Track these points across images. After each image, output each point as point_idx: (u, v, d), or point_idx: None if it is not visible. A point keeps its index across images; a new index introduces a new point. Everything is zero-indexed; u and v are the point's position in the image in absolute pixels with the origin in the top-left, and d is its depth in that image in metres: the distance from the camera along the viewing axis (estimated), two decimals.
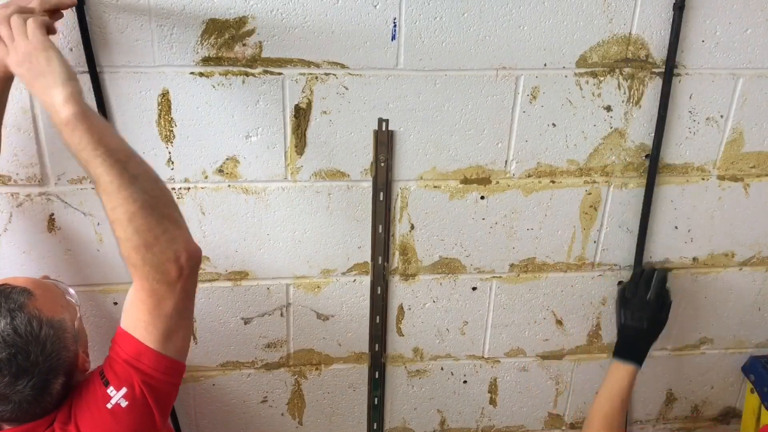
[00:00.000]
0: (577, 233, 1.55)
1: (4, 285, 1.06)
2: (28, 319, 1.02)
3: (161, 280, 1.02)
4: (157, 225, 1.00)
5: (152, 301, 1.04)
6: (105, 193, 0.99)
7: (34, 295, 1.05)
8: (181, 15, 1.26)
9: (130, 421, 1.06)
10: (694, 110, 1.44)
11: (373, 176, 1.44)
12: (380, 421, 1.73)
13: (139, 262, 1.00)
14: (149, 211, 1.00)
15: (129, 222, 0.98)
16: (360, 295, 1.57)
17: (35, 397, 1.03)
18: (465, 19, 1.32)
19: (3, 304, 1.02)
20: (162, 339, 1.06)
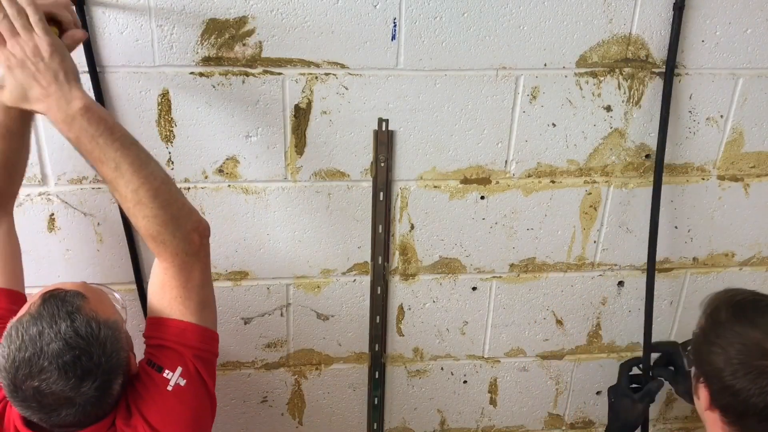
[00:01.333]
0: (577, 233, 1.55)
1: (57, 289, 1.05)
2: (87, 321, 1.01)
3: (188, 251, 1.09)
4: (177, 197, 1.08)
5: (184, 275, 1.10)
6: (127, 174, 1.03)
7: (87, 297, 1.06)
8: (181, 15, 1.26)
9: (192, 397, 1.11)
10: (694, 110, 1.44)
11: (373, 176, 1.44)
12: (380, 421, 1.73)
13: (168, 237, 1.07)
14: (169, 185, 1.08)
15: (155, 198, 1.04)
16: (360, 295, 1.57)
17: (98, 399, 1.03)
18: (465, 19, 1.32)
19: (60, 307, 1.02)
20: (198, 310, 1.13)
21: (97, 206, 1.40)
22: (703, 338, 1.06)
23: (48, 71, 1.01)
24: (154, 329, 1.13)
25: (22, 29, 1.01)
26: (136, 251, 1.45)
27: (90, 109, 1.01)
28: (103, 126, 1.02)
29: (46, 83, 1.01)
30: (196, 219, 1.11)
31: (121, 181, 1.03)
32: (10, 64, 1.01)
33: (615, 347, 1.71)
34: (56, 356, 0.98)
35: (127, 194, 1.04)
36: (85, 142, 1.02)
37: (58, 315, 1.01)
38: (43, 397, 0.98)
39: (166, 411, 1.09)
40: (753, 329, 1.00)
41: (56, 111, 1.01)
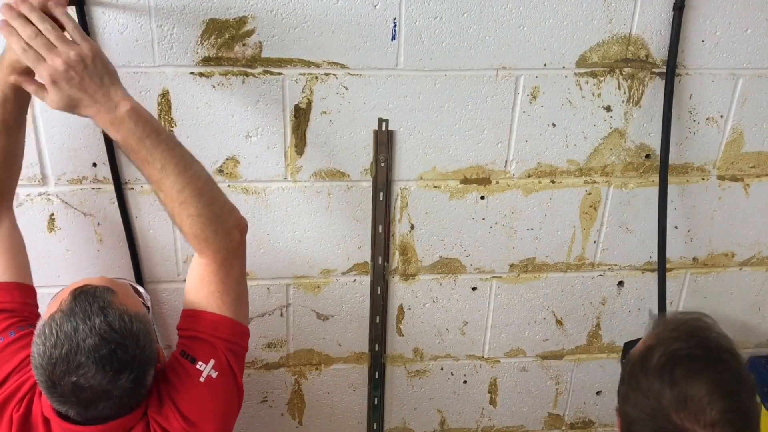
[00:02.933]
0: (577, 233, 1.55)
1: (86, 285, 1.06)
2: (119, 315, 1.02)
3: (230, 248, 1.12)
4: (219, 196, 1.12)
5: (224, 271, 1.13)
6: (173, 174, 1.06)
7: (115, 292, 1.06)
8: (181, 15, 1.26)
9: (223, 389, 1.13)
10: (694, 110, 1.44)
11: (373, 176, 1.44)
12: (380, 421, 1.73)
13: (212, 235, 1.10)
14: (211, 185, 1.11)
15: (199, 197, 1.07)
16: (360, 295, 1.57)
17: (134, 390, 1.04)
18: (465, 19, 1.32)
19: (92, 302, 1.02)
20: (235, 305, 1.15)
21: (97, 206, 1.40)
22: (628, 377, 1.00)
23: (93, 77, 1.02)
24: (189, 321, 1.15)
25: (59, 41, 1.01)
26: (136, 251, 1.45)
27: (136, 111, 1.04)
28: (149, 127, 1.04)
29: (93, 90, 1.02)
30: (237, 216, 1.14)
31: (166, 181, 1.06)
32: (55, 78, 1.01)
33: (615, 347, 1.71)
34: (93, 351, 0.99)
35: (173, 194, 1.07)
36: (132, 144, 1.04)
37: (91, 310, 1.01)
38: (82, 392, 0.99)
39: (198, 401, 1.11)
40: (670, 390, 0.93)
41: (104, 115, 1.03)
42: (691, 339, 0.97)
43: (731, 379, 0.94)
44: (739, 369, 0.96)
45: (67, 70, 1.00)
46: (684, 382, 0.92)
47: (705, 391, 0.91)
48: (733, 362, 0.96)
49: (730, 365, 0.95)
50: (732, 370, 0.95)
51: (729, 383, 0.93)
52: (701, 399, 0.91)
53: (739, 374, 0.95)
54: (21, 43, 1.00)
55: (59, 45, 1.01)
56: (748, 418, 0.93)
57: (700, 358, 0.95)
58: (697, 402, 0.91)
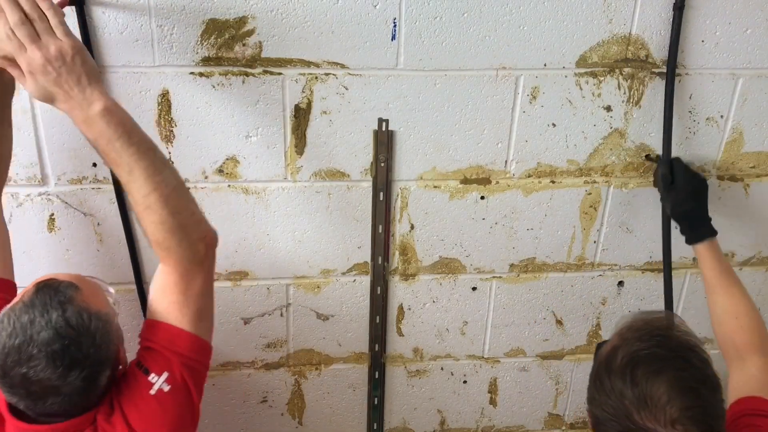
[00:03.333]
0: (577, 233, 1.55)
1: (51, 279, 1.06)
2: (78, 312, 1.02)
3: (193, 260, 1.10)
4: (187, 206, 1.10)
5: (184, 282, 1.11)
6: (140, 179, 1.05)
7: (80, 289, 1.06)
8: (181, 15, 1.26)
9: (174, 404, 1.10)
10: (694, 110, 1.44)
11: (373, 176, 1.44)
12: (380, 421, 1.73)
13: (174, 244, 1.08)
14: (180, 193, 1.09)
15: (165, 204, 1.05)
16: (360, 295, 1.57)
17: (85, 389, 1.03)
18: (465, 19, 1.32)
19: (53, 296, 1.02)
20: (195, 319, 1.12)
21: (97, 206, 1.40)
22: (594, 378, 1.01)
23: (71, 74, 1.01)
24: (147, 331, 1.14)
25: (44, 33, 1.01)
26: (136, 251, 1.45)
27: (110, 111, 1.02)
28: (121, 129, 1.03)
29: (68, 87, 1.02)
30: (205, 229, 1.12)
31: (134, 185, 1.05)
32: (32, 69, 1.01)
33: None
34: (45, 344, 0.99)
35: (138, 198, 1.06)
36: (102, 144, 1.04)
37: (50, 304, 1.01)
38: (30, 385, 0.99)
39: (147, 414, 1.09)
40: (631, 390, 0.94)
41: (77, 113, 1.02)
42: (653, 338, 0.98)
43: (691, 377, 0.94)
44: (701, 367, 0.96)
45: (44, 64, 1.00)
46: (644, 382, 0.93)
47: (664, 389, 0.92)
48: (695, 360, 0.96)
49: (692, 363, 0.96)
50: (693, 367, 0.95)
51: (689, 381, 0.94)
52: (660, 398, 0.92)
53: (701, 372, 0.96)
54: (6, 29, 1.00)
55: (43, 37, 1.00)
56: (710, 414, 0.93)
57: (660, 357, 0.96)
58: (657, 401, 0.92)
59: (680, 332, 1.01)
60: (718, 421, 0.94)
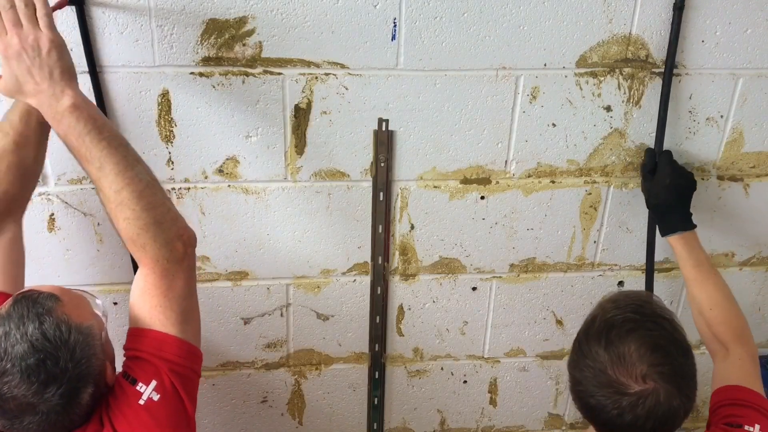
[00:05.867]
0: (577, 233, 1.55)
1: (30, 290, 1.02)
2: (56, 324, 0.97)
3: (171, 258, 1.06)
4: (162, 203, 1.07)
5: (165, 283, 1.07)
6: (111, 174, 1.03)
7: (61, 300, 1.01)
8: (181, 15, 1.26)
9: (165, 414, 1.05)
10: (694, 110, 1.44)
11: (373, 176, 1.44)
12: (380, 421, 1.73)
13: (149, 241, 1.04)
14: (154, 189, 1.06)
15: (138, 200, 1.03)
16: (360, 295, 1.57)
17: (64, 407, 0.98)
18: (465, 19, 1.32)
19: (31, 308, 0.97)
20: (180, 322, 1.08)
21: (97, 206, 1.40)
22: (575, 345, 1.10)
23: (43, 67, 1.01)
24: (132, 340, 1.09)
25: (27, 21, 1.01)
26: None
27: (78, 107, 1.02)
28: (91, 125, 1.02)
29: (40, 79, 1.01)
30: (182, 226, 1.09)
31: (105, 181, 1.03)
32: (7, 54, 1.01)
33: None
34: (20, 359, 0.94)
35: (110, 195, 1.04)
36: (72, 140, 1.03)
37: (27, 316, 0.97)
38: (5, 402, 0.95)
39: (137, 426, 1.03)
40: (605, 350, 1.02)
41: (47, 107, 1.02)
42: (628, 306, 1.06)
43: (661, 337, 1.02)
44: (672, 331, 1.04)
45: (20, 51, 1.00)
46: (617, 341, 1.02)
47: (635, 346, 1.00)
48: (666, 325, 1.04)
49: (663, 326, 1.03)
50: (663, 329, 1.03)
51: (659, 339, 1.01)
52: (632, 354, 1.00)
53: (671, 335, 1.03)
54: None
55: (25, 25, 1.01)
56: (678, 374, 1.00)
57: (633, 321, 1.03)
58: (629, 357, 1.00)
59: (657, 306, 1.08)
60: (688, 382, 1.02)
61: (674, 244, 1.40)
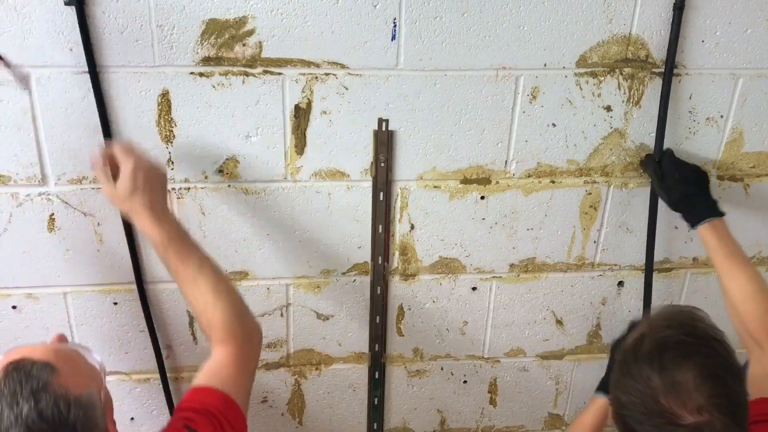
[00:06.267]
0: (577, 233, 1.55)
1: (22, 360, 0.92)
2: (54, 401, 0.89)
3: (252, 341, 1.22)
4: (241, 295, 1.23)
5: (242, 362, 1.18)
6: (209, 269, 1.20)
7: (57, 369, 0.92)
8: (181, 15, 1.26)
9: None
10: (694, 110, 1.44)
11: (373, 176, 1.44)
12: (380, 421, 1.73)
13: (239, 325, 1.19)
14: (234, 286, 1.25)
15: (230, 293, 1.20)
16: (360, 295, 1.57)
17: None
18: (465, 19, 1.32)
19: (24, 384, 0.89)
20: (243, 398, 1.17)
21: (97, 206, 1.40)
22: (620, 365, 1.02)
23: None
24: (200, 394, 1.12)
25: None
26: (136, 251, 1.45)
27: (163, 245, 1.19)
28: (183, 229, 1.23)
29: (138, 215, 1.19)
30: (257, 321, 1.25)
31: (202, 277, 1.18)
32: None
33: None
34: None
35: (208, 288, 1.17)
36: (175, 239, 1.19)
37: (21, 394, 0.88)
38: None
39: None
40: (659, 375, 0.95)
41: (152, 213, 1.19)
42: (682, 327, 1.00)
43: (718, 365, 0.96)
44: (727, 357, 0.98)
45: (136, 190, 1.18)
46: (672, 367, 0.95)
47: (692, 375, 0.93)
48: (720, 350, 0.98)
49: (718, 352, 0.97)
50: (719, 356, 0.97)
51: (716, 368, 0.95)
52: (688, 383, 0.93)
53: (726, 361, 0.97)
54: None
55: None
56: (735, 404, 0.94)
57: (688, 344, 0.97)
58: (684, 386, 0.93)
59: (707, 325, 1.02)
60: (742, 412, 0.95)
61: (704, 234, 1.34)
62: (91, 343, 1.53)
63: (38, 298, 1.48)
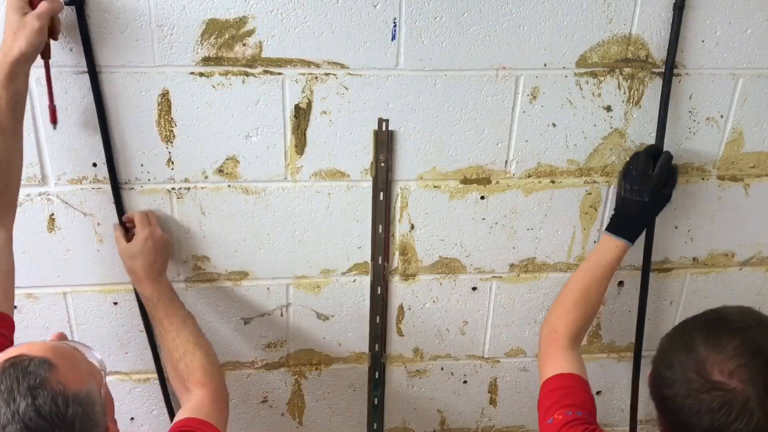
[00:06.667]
0: (577, 233, 1.55)
1: (20, 356, 0.90)
2: (51, 397, 0.87)
3: (224, 389, 1.34)
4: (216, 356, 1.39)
5: (217, 407, 1.28)
6: (194, 330, 1.36)
7: (55, 366, 0.90)
8: (181, 15, 1.26)
9: None
10: (694, 110, 1.44)
11: (373, 176, 1.44)
12: (380, 421, 1.73)
13: (217, 372, 1.33)
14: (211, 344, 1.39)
15: (208, 347, 1.36)
16: (360, 295, 1.57)
17: None
18: (465, 19, 1.32)
19: (21, 381, 0.87)
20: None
21: (97, 206, 1.40)
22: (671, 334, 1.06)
23: None
24: (189, 423, 1.20)
25: None
26: None
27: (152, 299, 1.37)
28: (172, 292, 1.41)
29: None
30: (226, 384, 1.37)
31: (186, 330, 1.34)
32: None
33: (615, 347, 1.71)
34: None
35: (192, 338, 1.32)
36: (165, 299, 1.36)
37: (18, 390, 0.86)
38: None
39: None
40: (704, 339, 0.98)
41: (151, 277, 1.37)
42: (749, 315, 1.03)
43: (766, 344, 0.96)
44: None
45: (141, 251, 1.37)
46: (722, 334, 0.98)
47: (735, 344, 0.95)
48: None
49: None
50: None
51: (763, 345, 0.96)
52: (728, 348, 0.95)
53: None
54: None
55: None
56: None
57: (747, 324, 0.99)
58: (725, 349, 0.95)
59: None
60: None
61: (612, 248, 1.41)
62: (91, 343, 1.52)
63: (38, 298, 1.48)
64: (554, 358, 1.32)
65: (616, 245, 1.41)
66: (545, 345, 1.38)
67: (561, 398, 1.23)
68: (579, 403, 1.22)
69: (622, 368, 1.72)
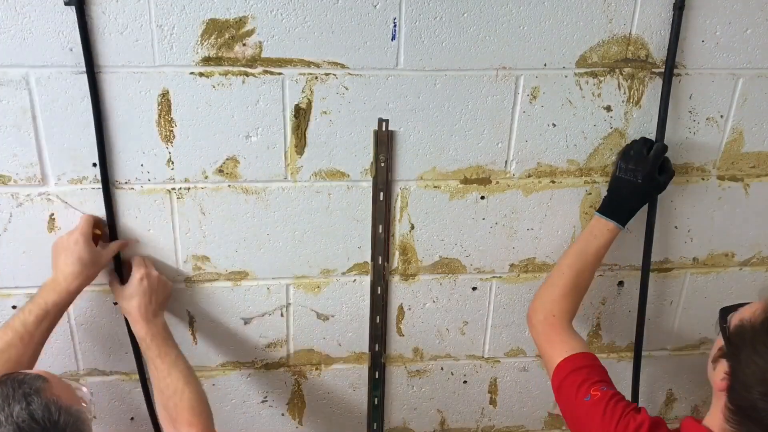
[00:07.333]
0: (577, 233, 1.55)
1: (15, 372, 0.98)
2: (45, 404, 0.91)
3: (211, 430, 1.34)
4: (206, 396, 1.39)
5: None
6: (185, 369, 1.36)
7: (49, 381, 0.96)
8: (181, 15, 1.26)
9: None
10: (694, 110, 1.44)
11: (373, 176, 1.44)
12: (380, 421, 1.73)
13: (206, 412, 1.34)
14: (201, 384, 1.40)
15: (198, 385, 1.36)
16: (360, 295, 1.57)
17: None
18: (465, 19, 1.32)
19: (17, 388, 0.92)
20: None
21: (97, 206, 1.40)
22: (751, 336, 1.02)
23: None
24: None
25: None
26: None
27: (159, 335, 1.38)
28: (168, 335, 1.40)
29: None
30: None
31: (176, 368, 1.33)
32: None
33: (615, 347, 1.71)
34: None
35: (182, 376, 1.32)
36: (158, 339, 1.37)
37: (13, 396, 0.91)
38: None
39: None
40: None
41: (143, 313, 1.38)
42: None
43: None
44: None
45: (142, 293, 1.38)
46: None
47: None
48: None
49: None
50: None
51: None
52: None
53: None
54: None
55: None
56: None
57: None
58: None
59: None
60: None
61: (603, 231, 1.41)
62: (91, 343, 1.53)
63: None
64: (561, 341, 1.33)
65: (607, 228, 1.41)
66: (546, 330, 1.37)
67: (589, 376, 1.23)
68: (607, 380, 1.25)
69: (622, 368, 1.72)
